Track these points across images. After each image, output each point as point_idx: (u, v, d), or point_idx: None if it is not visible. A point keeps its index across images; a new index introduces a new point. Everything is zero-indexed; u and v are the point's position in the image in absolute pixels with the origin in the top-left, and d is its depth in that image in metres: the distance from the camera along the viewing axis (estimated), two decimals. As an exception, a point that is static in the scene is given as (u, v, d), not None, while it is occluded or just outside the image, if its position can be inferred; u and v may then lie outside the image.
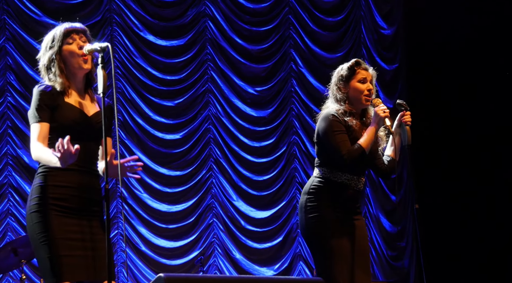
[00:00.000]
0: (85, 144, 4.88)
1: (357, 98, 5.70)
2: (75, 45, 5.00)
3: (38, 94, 4.89)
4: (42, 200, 4.85)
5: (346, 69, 5.78)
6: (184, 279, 3.96)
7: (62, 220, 4.82)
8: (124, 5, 10.72)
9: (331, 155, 5.60)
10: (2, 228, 9.77)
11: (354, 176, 5.67)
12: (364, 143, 5.52)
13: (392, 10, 12.13)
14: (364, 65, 5.80)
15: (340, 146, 5.53)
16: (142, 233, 10.48)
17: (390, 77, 11.96)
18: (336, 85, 5.78)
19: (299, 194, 11.19)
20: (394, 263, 11.49)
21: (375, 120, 5.55)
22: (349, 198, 5.67)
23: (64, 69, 4.95)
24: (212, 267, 10.72)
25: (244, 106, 11.25)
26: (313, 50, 11.63)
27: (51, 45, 4.98)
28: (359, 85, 5.71)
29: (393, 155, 5.79)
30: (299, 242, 11.09)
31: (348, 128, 5.60)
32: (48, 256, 4.79)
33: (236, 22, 11.31)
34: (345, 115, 5.66)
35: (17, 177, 9.93)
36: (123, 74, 10.65)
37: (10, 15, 10.06)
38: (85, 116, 4.95)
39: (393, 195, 11.69)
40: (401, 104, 5.72)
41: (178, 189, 10.80)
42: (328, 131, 5.61)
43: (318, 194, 5.64)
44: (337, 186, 5.64)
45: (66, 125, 4.86)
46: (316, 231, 5.61)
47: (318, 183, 5.67)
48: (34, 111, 4.87)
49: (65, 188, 4.86)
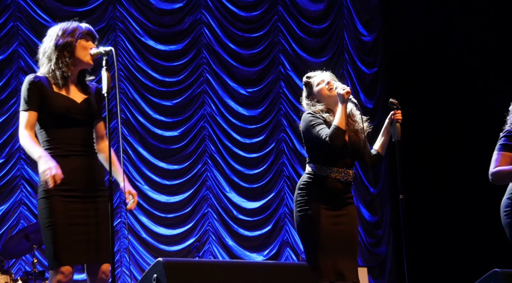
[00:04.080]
0: (78, 129, 4.88)
1: (324, 96, 5.71)
2: (91, 44, 5.06)
3: (27, 84, 4.83)
4: (48, 187, 4.76)
5: (303, 87, 5.84)
6: (181, 263, 3.98)
7: (67, 206, 4.77)
8: (126, 13, 10.72)
9: (317, 144, 5.58)
10: (15, 216, 9.76)
11: (342, 168, 5.62)
12: (337, 122, 5.47)
13: (372, 19, 12.15)
14: (315, 73, 5.85)
15: (320, 132, 5.50)
16: (143, 221, 10.49)
17: (370, 80, 11.99)
18: (307, 99, 5.82)
19: (287, 187, 11.27)
20: (373, 250, 11.52)
21: (339, 99, 5.50)
22: (338, 190, 5.61)
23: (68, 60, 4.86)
24: (207, 253, 10.73)
25: (236, 106, 11.27)
26: (300, 55, 11.66)
27: (72, 33, 4.88)
28: (320, 87, 5.73)
29: (380, 150, 5.81)
30: (286, 230, 11.10)
31: (326, 122, 5.58)
32: (52, 241, 4.73)
33: (229, 29, 11.32)
34: (323, 113, 5.68)
35: (28, 169, 9.91)
36: (125, 76, 10.65)
37: (22, 21, 10.08)
38: (75, 103, 4.90)
39: (372, 188, 11.77)
40: (393, 103, 5.71)
41: (176, 181, 10.80)
42: (308, 126, 5.62)
43: (307, 189, 5.60)
44: (325, 180, 5.58)
45: (57, 113, 4.82)
46: (304, 224, 5.57)
47: (308, 179, 5.62)
48: (23, 100, 4.83)
49: (68, 173, 4.77)
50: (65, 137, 4.88)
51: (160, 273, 3.74)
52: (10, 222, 9.73)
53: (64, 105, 4.85)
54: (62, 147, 4.86)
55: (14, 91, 10.00)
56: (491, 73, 10.78)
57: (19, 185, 9.89)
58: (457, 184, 10.81)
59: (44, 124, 4.90)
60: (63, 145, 4.87)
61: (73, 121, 4.88)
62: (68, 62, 4.92)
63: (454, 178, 10.92)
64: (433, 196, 10.94)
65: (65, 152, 4.84)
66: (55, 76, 4.92)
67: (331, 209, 5.60)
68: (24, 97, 4.85)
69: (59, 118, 4.85)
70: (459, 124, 10.97)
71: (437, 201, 10.97)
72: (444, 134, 11.16)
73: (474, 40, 10.96)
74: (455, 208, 10.79)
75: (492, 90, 10.08)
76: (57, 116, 4.85)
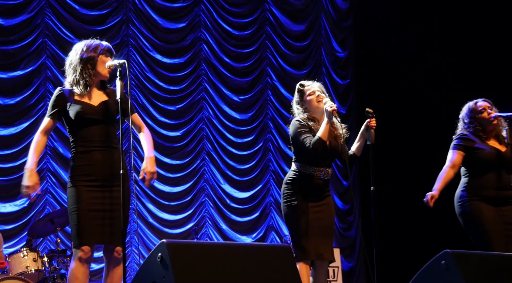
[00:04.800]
0: (97, 127, 4.96)
1: (312, 106, 5.74)
2: (109, 59, 5.11)
3: (54, 96, 5.01)
4: (74, 178, 4.93)
5: (296, 93, 5.85)
6: (181, 244, 3.98)
7: (89, 194, 4.88)
8: (138, 31, 10.71)
9: (301, 149, 5.63)
10: (42, 203, 9.76)
11: (323, 168, 5.67)
12: (320, 133, 5.52)
13: (345, 38, 12.18)
14: (307, 82, 5.87)
15: (305, 140, 5.55)
16: (149, 208, 10.49)
17: (343, 90, 12.02)
18: (297, 104, 5.85)
19: (272, 180, 11.27)
20: (345, 233, 11.56)
21: (326, 114, 5.53)
22: (319, 186, 5.67)
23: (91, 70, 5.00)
24: (204, 235, 10.72)
25: (230, 111, 11.27)
26: (284, 68, 11.67)
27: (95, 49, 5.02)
28: (310, 97, 5.76)
29: (356, 151, 5.82)
30: (271, 217, 11.06)
31: (311, 130, 5.63)
32: (75, 224, 4.87)
33: (225, 45, 11.31)
34: (308, 121, 5.72)
35: (53, 163, 9.91)
36: (136, 85, 10.65)
37: (50, 38, 10.08)
38: (92, 106, 4.98)
39: (345, 181, 11.80)
40: (369, 112, 5.72)
41: (178, 174, 10.78)
42: (296, 132, 5.65)
43: (293, 184, 5.66)
44: (309, 177, 5.64)
45: (75, 116, 4.92)
46: (291, 213, 5.62)
47: (294, 176, 5.67)
48: (49, 108, 5.02)
49: (90, 166, 4.90)
50: (87, 135, 4.98)
51: (164, 252, 3.76)
52: (37, 208, 9.72)
53: (81, 109, 4.94)
54: (84, 144, 4.97)
55: (42, 97, 9.99)
56: (447, 81, 10.82)
57: (45, 177, 9.86)
58: (418, 177, 10.81)
59: (70, 126, 5.02)
60: (85, 143, 4.98)
61: (91, 121, 4.96)
62: (90, 73, 5.03)
63: (415, 172, 10.93)
64: (396, 187, 10.96)
65: (86, 148, 4.96)
66: (78, 84, 5.00)
67: (313, 201, 5.66)
68: (50, 105, 5.02)
69: (78, 120, 4.96)
70: (418, 124, 10.97)
71: (400, 192, 10.99)
72: (406, 134, 11.18)
73: (434, 57, 11.01)
74: (415, 198, 10.80)
75: (446, 97, 10.10)
76: (77, 118, 4.95)
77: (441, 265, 4.53)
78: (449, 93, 10.11)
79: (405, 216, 10.96)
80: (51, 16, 10.14)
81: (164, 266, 3.72)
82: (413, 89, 11.04)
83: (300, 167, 5.68)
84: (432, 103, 10.69)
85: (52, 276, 7.78)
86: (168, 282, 3.68)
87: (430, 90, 10.80)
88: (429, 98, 10.76)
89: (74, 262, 4.88)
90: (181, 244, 3.91)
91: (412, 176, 11.01)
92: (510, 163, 6.07)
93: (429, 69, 11.00)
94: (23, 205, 9.62)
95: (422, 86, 10.92)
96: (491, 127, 6.16)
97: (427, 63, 11.02)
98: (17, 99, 9.88)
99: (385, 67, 11.36)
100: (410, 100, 11.13)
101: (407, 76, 11.13)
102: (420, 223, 10.67)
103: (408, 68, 11.17)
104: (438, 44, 11.02)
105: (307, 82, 5.89)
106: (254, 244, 8.56)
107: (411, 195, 10.88)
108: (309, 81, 5.91)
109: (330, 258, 5.67)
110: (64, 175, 9.82)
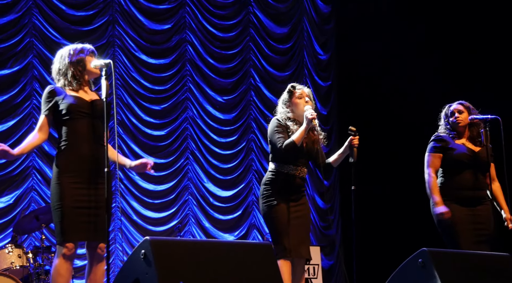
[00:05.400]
0: (90, 123, 4.99)
1: (298, 109, 5.77)
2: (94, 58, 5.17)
3: (47, 92, 5.05)
4: (59, 174, 4.93)
5: (285, 93, 5.89)
6: (165, 241, 4.00)
7: (74, 192, 4.88)
8: (123, 32, 10.67)
9: (275, 147, 5.69)
10: (27, 200, 9.69)
11: (299, 167, 5.72)
12: (295, 137, 5.57)
13: (327, 41, 12.22)
14: (299, 86, 5.90)
15: (279, 140, 5.62)
16: (133, 206, 10.45)
17: (325, 91, 12.04)
18: (284, 103, 5.89)
19: (255, 179, 11.28)
20: (325, 232, 11.57)
21: (306, 121, 5.57)
22: (296, 184, 5.71)
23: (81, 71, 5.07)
24: (187, 233, 10.70)
25: (214, 111, 11.24)
26: (268, 69, 11.67)
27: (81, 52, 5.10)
28: (298, 100, 5.81)
29: (333, 163, 5.84)
30: (253, 215, 11.10)
31: (288, 130, 5.68)
32: (59, 221, 4.86)
33: (209, 47, 11.30)
34: (287, 121, 5.77)
35: (39, 161, 9.86)
36: (121, 84, 10.60)
37: (36, 38, 10.01)
38: (85, 101, 5.03)
39: (326, 181, 11.81)
40: (352, 130, 5.69)
41: (162, 173, 10.74)
42: (272, 131, 5.71)
43: (271, 184, 5.69)
44: (285, 176, 5.68)
45: (73, 109, 4.96)
46: (269, 212, 5.66)
47: (271, 176, 5.71)
48: (42, 106, 5.04)
49: (77, 162, 4.91)
50: (76, 130, 4.98)
51: (147, 249, 3.76)
52: (23, 204, 9.66)
53: (74, 102, 4.98)
54: (73, 139, 5.00)
55: (28, 96, 9.93)
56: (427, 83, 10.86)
57: (31, 174, 9.81)
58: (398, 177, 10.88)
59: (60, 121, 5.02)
60: (73, 137, 5.00)
61: (82, 114, 4.99)
62: (82, 74, 5.06)
63: (395, 172, 11.00)
64: (376, 187, 11.00)
65: (74, 143, 4.96)
66: (71, 85, 5.05)
67: (290, 200, 5.71)
68: (43, 103, 5.04)
69: (69, 113, 4.98)
70: (398, 124, 11.00)
71: (379, 191, 11.05)
72: (387, 134, 11.22)
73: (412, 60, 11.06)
74: (394, 198, 10.87)
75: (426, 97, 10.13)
76: (69, 111, 4.97)
77: (418, 262, 4.58)
78: (429, 94, 10.16)
79: (383, 215, 11.01)
80: (38, 16, 10.09)
81: (147, 262, 3.72)
82: (393, 90, 11.08)
83: (278, 166, 5.72)
84: (411, 104, 10.73)
85: (37, 272, 7.77)
86: (151, 278, 3.69)
87: (410, 92, 10.84)
88: (409, 99, 10.80)
89: (58, 258, 4.87)
90: (164, 241, 3.92)
91: (392, 176, 11.08)
92: (485, 163, 6.13)
93: (408, 71, 11.04)
94: (9, 202, 9.58)
95: (402, 88, 10.95)
96: (461, 129, 6.25)
97: (407, 66, 11.07)
98: (3, 97, 9.81)
99: (365, 70, 11.39)
100: (390, 102, 11.17)
101: (387, 78, 11.17)
102: (398, 222, 10.73)
103: (388, 70, 11.21)
104: (419, 46, 11.06)
105: (299, 86, 5.93)
106: (236, 241, 8.56)
107: (390, 195, 11.00)
108: (300, 85, 5.96)
109: (307, 256, 5.73)
110: (49, 173, 9.78)
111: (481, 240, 6.02)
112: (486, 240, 6.05)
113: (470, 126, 6.28)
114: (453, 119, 6.24)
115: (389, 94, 11.17)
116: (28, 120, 9.85)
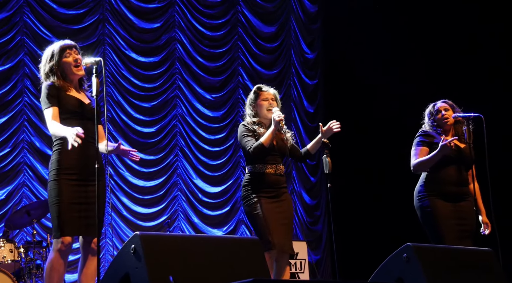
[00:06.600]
0: (84, 123, 4.97)
1: (262, 112, 5.85)
2: (71, 58, 5.11)
3: (46, 88, 5.00)
4: (57, 172, 4.93)
5: (252, 93, 5.97)
6: (154, 236, 4.00)
7: (70, 188, 4.89)
8: (114, 30, 10.66)
9: (245, 151, 5.75)
10: (19, 195, 9.68)
11: (274, 164, 5.77)
12: (263, 139, 5.64)
13: (314, 40, 12.24)
14: (265, 88, 5.96)
15: (247, 143, 5.70)
16: (124, 201, 10.44)
17: (311, 90, 12.07)
18: (250, 105, 5.95)
19: (243, 175, 11.27)
20: (311, 227, 11.62)
21: (273, 123, 5.64)
22: (274, 182, 5.75)
23: (61, 76, 5.04)
24: (177, 228, 10.70)
25: (203, 109, 11.24)
26: (256, 68, 11.69)
27: (51, 58, 5.07)
28: (263, 102, 5.87)
29: (310, 149, 5.96)
30: (241, 211, 11.04)
31: (255, 134, 5.74)
32: (56, 215, 4.86)
33: (198, 45, 11.30)
34: (254, 125, 5.82)
35: (30, 157, 9.83)
36: (112, 82, 10.59)
37: (28, 36, 9.99)
38: (82, 103, 5.05)
39: (312, 177, 11.85)
40: (326, 143, 5.78)
41: (152, 169, 10.75)
42: (240, 136, 5.81)
43: (250, 185, 5.75)
44: (263, 175, 5.73)
45: (70, 110, 4.97)
46: (251, 211, 5.72)
47: (249, 177, 5.78)
48: (45, 100, 4.96)
49: (74, 159, 4.92)
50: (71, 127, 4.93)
51: (137, 244, 3.75)
52: (14, 200, 9.64)
53: (74, 104, 5.01)
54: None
55: (20, 93, 9.91)
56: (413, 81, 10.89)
57: (22, 170, 9.79)
58: (382, 173, 10.92)
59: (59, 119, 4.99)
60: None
61: (81, 116, 5.01)
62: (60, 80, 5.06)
63: (379, 169, 11.03)
64: (361, 184, 11.05)
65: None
66: (64, 81, 5.04)
67: (271, 198, 5.76)
68: (46, 98, 4.97)
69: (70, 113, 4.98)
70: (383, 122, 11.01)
71: (365, 188, 11.08)
72: (371, 132, 11.22)
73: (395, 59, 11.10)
74: (379, 194, 10.91)
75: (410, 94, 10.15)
76: (69, 111, 4.98)
77: (403, 257, 4.59)
78: (414, 91, 10.18)
79: (368, 211, 11.02)
80: (29, 15, 10.06)
81: (137, 257, 3.72)
82: (378, 89, 11.10)
83: (252, 168, 5.80)
84: (396, 103, 10.75)
85: (28, 266, 7.77)
86: (141, 273, 3.68)
87: (395, 90, 10.86)
88: (394, 98, 10.83)
89: (54, 253, 4.88)
90: (154, 236, 3.92)
91: (376, 173, 11.11)
92: (469, 159, 6.16)
93: (394, 70, 11.07)
94: (1, 197, 9.56)
95: (386, 86, 10.98)
96: (447, 127, 6.29)
97: (393, 65, 11.10)
98: (-5, 94, 9.81)
99: (351, 68, 11.41)
100: (375, 100, 11.19)
101: (373, 76, 11.18)
102: (383, 217, 10.76)
103: (373, 69, 11.23)
104: (405, 46, 11.09)
105: (265, 88, 5.99)
106: (224, 236, 8.57)
107: (375, 191, 11.02)
108: (266, 87, 6.02)
109: (290, 251, 5.77)
110: (40, 169, 9.77)
111: (464, 235, 6.05)
112: (469, 236, 6.08)
113: (454, 124, 6.31)
114: (441, 117, 6.25)
115: (374, 92, 11.19)
116: (19, 117, 9.83)
